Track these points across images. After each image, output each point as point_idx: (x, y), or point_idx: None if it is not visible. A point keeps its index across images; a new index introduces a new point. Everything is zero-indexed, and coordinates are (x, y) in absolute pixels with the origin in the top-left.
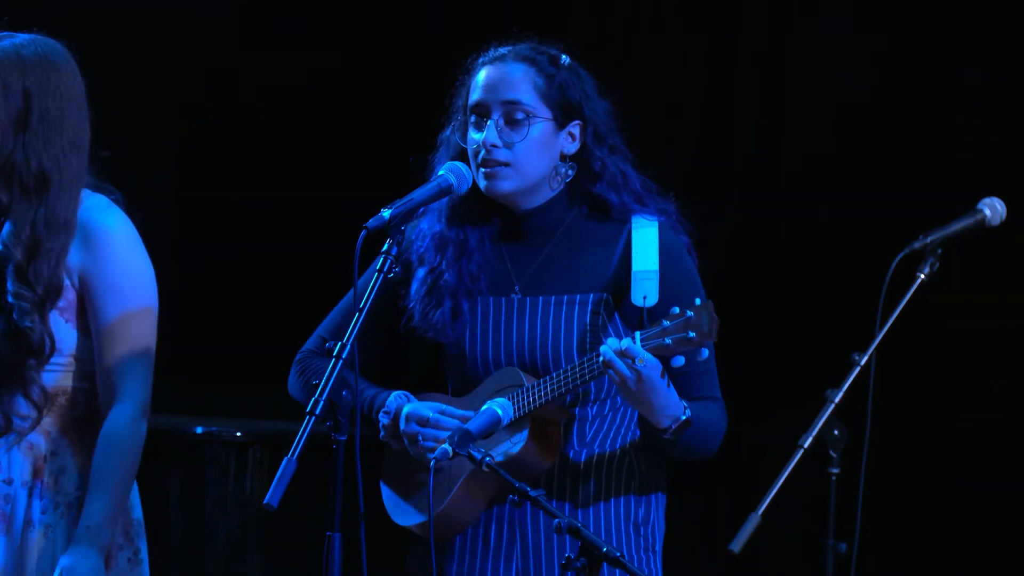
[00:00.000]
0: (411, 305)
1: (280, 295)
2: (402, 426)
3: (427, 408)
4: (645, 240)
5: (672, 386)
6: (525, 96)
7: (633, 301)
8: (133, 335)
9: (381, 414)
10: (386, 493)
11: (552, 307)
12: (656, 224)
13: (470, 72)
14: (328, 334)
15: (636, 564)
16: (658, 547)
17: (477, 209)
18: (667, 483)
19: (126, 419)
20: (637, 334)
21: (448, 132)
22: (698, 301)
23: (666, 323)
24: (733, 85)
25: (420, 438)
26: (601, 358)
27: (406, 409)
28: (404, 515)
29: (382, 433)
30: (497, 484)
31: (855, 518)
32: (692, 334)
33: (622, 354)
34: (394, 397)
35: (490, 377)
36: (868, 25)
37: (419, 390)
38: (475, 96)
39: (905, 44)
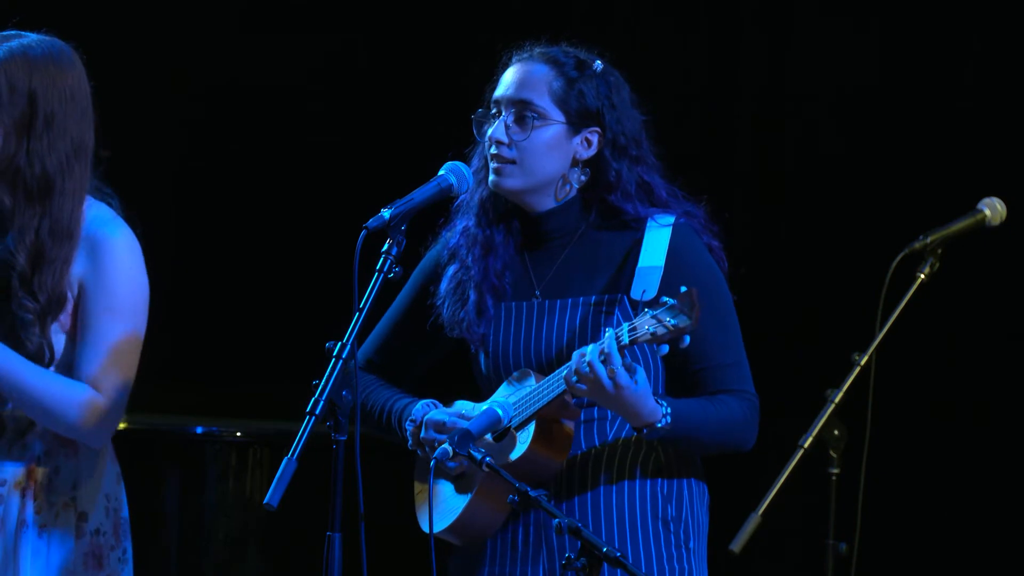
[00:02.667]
0: (439, 302)
1: (281, 295)
2: (422, 433)
3: (444, 413)
4: (656, 239)
5: (645, 396)
6: (538, 97)
7: (632, 295)
8: (120, 346)
9: (408, 423)
10: (418, 502)
11: (569, 309)
12: (671, 225)
13: (504, 66)
14: (374, 351)
15: (665, 562)
16: (693, 543)
17: (501, 209)
18: (704, 475)
19: (96, 400)
20: (624, 324)
21: (486, 124)
22: (683, 289)
23: (649, 312)
24: (733, 85)
25: (437, 443)
26: (586, 357)
27: (427, 417)
28: (434, 523)
29: (409, 442)
30: (513, 486)
31: (855, 518)
32: (673, 321)
33: (605, 359)
34: (421, 406)
35: (507, 380)
36: (869, 24)
37: (455, 399)
38: (497, 91)
39: (906, 43)
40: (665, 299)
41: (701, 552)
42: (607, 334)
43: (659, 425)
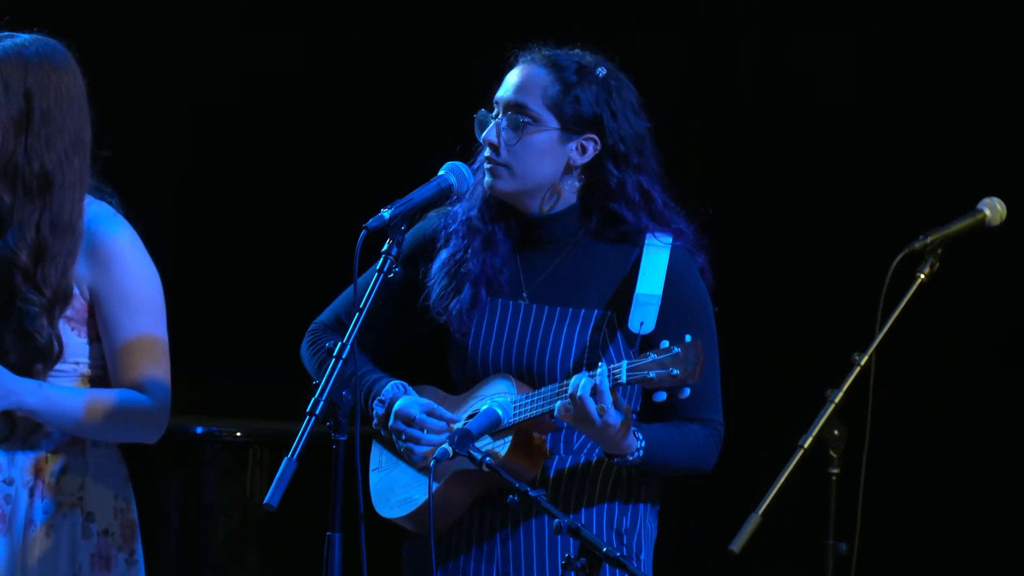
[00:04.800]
0: (430, 283)
1: (281, 295)
2: (390, 422)
3: (415, 406)
4: (654, 264)
5: (626, 433)
6: (531, 101)
7: (630, 326)
8: (149, 345)
9: (376, 402)
10: (373, 482)
11: (556, 317)
12: (668, 248)
13: (510, 66)
14: (343, 312)
15: (618, 572)
16: (643, 555)
17: (503, 207)
18: (661, 492)
19: (148, 406)
20: (624, 363)
21: (489, 121)
22: (688, 338)
23: (652, 356)
24: (733, 84)
25: (403, 436)
26: (577, 392)
27: (397, 405)
28: (387, 507)
29: (375, 421)
30: (483, 483)
31: (855, 518)
32: (676, 371)
33: (596, 395)
34: (391, 387)
35: (483, 381)
36: (869, 23)
37: (422, 380)
38: (498, 92)
39: (906, 43)
40: (667, 345)
41: (650, 562)
42: (600, 369)
43: (631, 458)
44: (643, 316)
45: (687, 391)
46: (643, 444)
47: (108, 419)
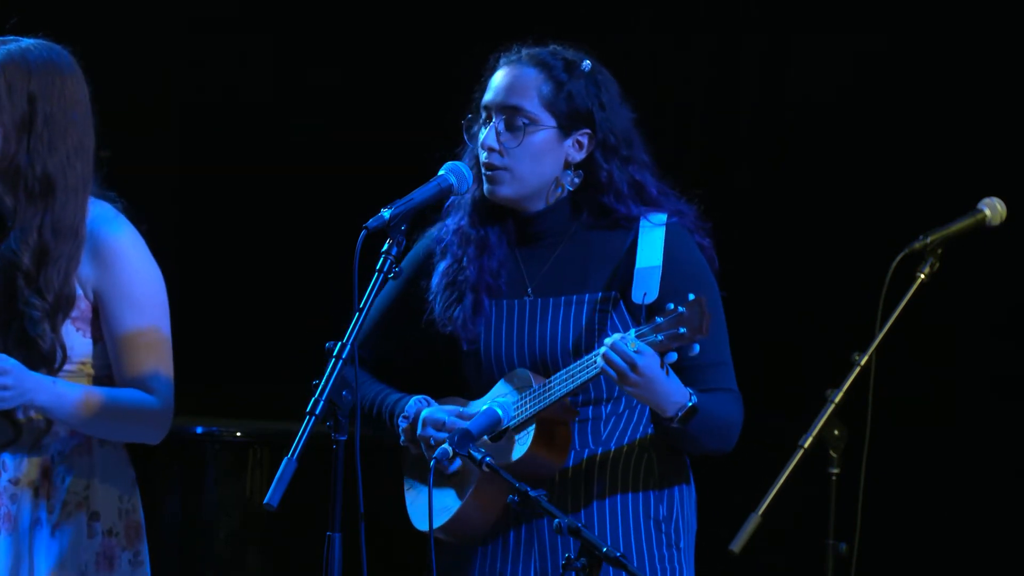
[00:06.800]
0: (431, 297)
1: (281, 296)
2: (419, 431)
3: (443, 412)
4: (651, 239)
5: (673, 374)
6: (528, 103)
7: (633, 298)
8: (152, 342)
9: (400, 419)
10: (409, 499)
11: (563, 307)
12: (664, 225)
13: (492, 69)
14: (361, 343)
15: (657, 562)
16: (683, 543)
17: (495, 209)
18: (690, 476)
19: (154, 406)
20: (632, 331)
21: (476, 127)
22: (691, 297)
23: (659, 319)
24: (733, 84)
25: (433, 442)
26: (600, 356)
27: (424, 414)
28: (425, 521)
29: (402, 438)
30: (509, 486)
31: (855, 518)
32: (683, 330)
33: (614, 348)
34: (414, 402)
35: (503, 379)
36: (869, 23)
37: (442, 395)
38: (486, 96)
39: (906, 43)
40: (672, 306)
41: (690, 551)
42: (613, 336)
43: (688, 404)
44: (646, 287)
45: (696, 348)
46: (692, 390)
47: (115, 417)
